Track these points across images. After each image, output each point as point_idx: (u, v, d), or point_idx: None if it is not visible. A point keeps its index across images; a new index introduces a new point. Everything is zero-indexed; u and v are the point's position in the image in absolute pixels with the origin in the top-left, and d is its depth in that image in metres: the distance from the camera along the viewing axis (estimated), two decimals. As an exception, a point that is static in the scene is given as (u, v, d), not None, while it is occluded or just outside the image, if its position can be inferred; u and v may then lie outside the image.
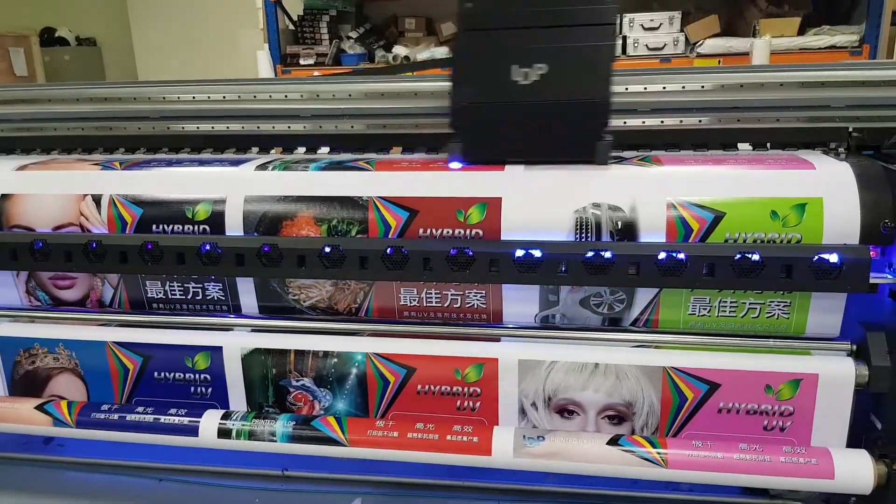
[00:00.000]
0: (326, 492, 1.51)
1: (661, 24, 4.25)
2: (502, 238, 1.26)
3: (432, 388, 1.31)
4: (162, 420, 1.34)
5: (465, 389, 1.30)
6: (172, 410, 1.35)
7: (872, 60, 4.06)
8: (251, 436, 1.31)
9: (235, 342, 1.36)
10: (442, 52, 4.83)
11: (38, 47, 5.54)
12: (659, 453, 1.19)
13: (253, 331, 1.39)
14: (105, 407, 1.38)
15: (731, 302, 1.27)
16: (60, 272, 1.45)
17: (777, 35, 3.62)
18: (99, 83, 1.63)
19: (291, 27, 5.18)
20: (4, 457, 1.66)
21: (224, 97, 1.55)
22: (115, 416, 1.36)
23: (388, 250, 1.26)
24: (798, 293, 1.24)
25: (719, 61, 4.18)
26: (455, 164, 1.34)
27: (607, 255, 1.20)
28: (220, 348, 1.37)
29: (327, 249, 1.28)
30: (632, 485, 1.38)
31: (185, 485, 1.57)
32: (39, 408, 1.40)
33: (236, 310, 1.43)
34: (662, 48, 4.31)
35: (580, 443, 1.21)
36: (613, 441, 1.21)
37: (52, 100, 1.58)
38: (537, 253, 1.22)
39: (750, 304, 1.27)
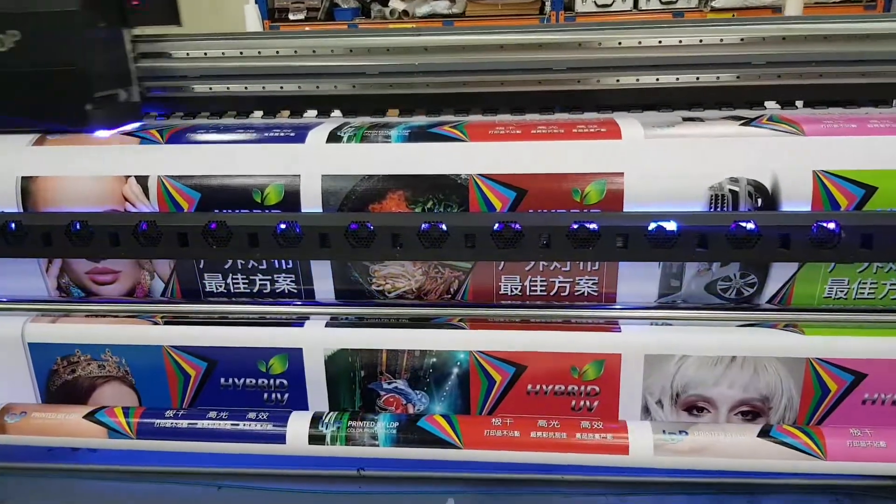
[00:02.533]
0: (411, 493, 1.38)
1: (673, -23, 4.03)
2: (624, 219, 1.11)
3: (544, 387, 1.18)
4: (242, 427, 1.18)
5: (582, 388, 1.18)
6: (252, 415, 1.19)
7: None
8: (348, 441, 1.17)
9: (317, 342, 1.20)
10: (443, 5, 4.49)
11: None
12: (817, 444, 1.09)
13: (334, 326, 1.22)
14: (170, 413, 1.21)
15: (870, 283, 1.16)
16: (101, 262, 1.25)
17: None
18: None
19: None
20: (28, 468, 1.48)
21: (277, 52, 1.33)
22: (184, 424, 1.19)
23: (497, 226, 1.10)
24: (945, 272, 1.14)
25: (733, 15, 3.99)
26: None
27: (750, 226, 1.07)
28: (299, 350, 1.20)
29: (426, 226, 1.11)
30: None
31: (250, 491, 1.42)
32: (90, 417, 1.22)
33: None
34: (675, 2, 4.11)
35: (727, 436, 1.11)
36: (764, 432, 1.11)
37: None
38: (671, 226, 1.08)
39: (891, 284, 1.16)
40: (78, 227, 1.16)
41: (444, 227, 1.11)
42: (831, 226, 1.06)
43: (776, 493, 1.32)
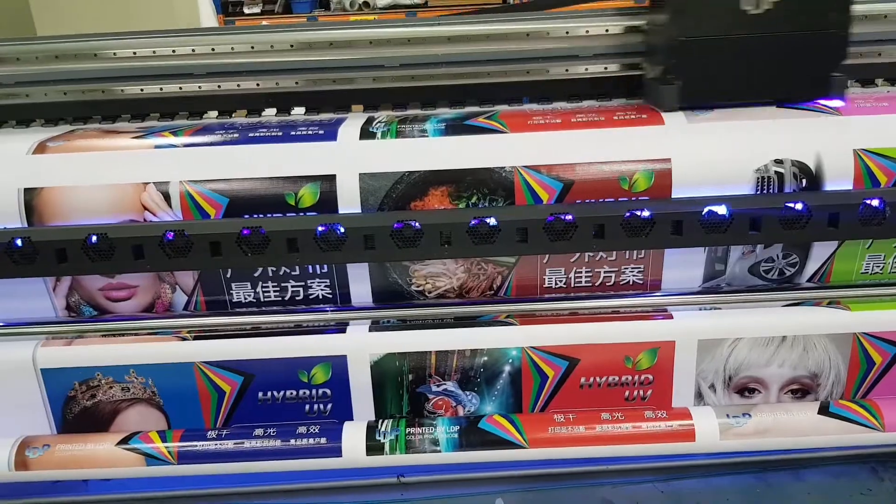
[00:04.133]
0: (456, 496, 1.35)
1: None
2: (672, 205, 1.10)
3: (598, 379, 1.17)
4: (293, 444, 1.11)
5: (636, 378, 1.16)
6: (302, 430, 1.13)
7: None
8: (408, 448, 1.12)
9: (362, 348, 1.14)
10: (410, -7, 4.39)
11: None
12: (875, 417, 1.11)
13: (378, 330, 1.17)
14: (212, 434, 1.13)
15: (906, 257, 1.19)
16: (116, 277, 1.16)
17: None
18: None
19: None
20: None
21: (294, 45, 1.25)
22: (230, 445, 1.12)
23: (549, 218, 1.07)
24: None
25: None
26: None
27: (799, 206, 1.08)
28: (343, 357, 1.14)
29: (475, 222, 1.07)
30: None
31: (284, 509, 1.36)
32: (124, 444, 1.13)
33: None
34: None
35: (789, 415, 1.12)
36: (823, 409, 1.13)
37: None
38: (723, 210, 1.08)
39: (924, 257, 1.19)
40: (95, 240, 1.07)
41: (494, 221, 1.08)
42: (876, 202, 1.08)
43: (818, 465, 1.35)
